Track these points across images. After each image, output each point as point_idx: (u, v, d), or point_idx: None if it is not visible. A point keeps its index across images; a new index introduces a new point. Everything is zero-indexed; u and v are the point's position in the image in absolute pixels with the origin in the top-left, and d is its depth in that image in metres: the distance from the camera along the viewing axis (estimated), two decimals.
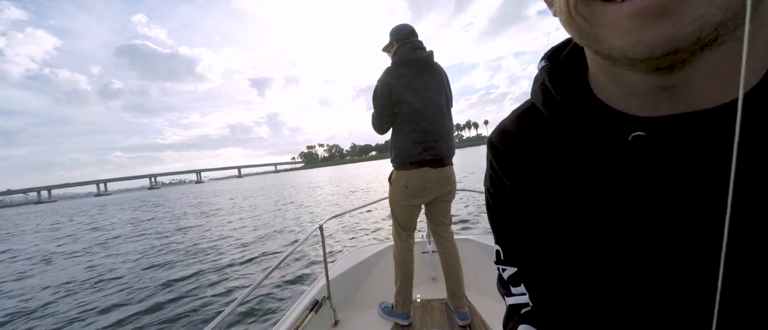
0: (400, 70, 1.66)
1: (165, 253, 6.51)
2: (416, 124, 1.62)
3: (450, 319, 1.80)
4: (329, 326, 1.83)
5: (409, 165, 1.64)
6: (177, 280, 4.25)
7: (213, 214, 12.49)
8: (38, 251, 8.98)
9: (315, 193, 17.41)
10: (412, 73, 1.66)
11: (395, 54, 1.71)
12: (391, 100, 1.63)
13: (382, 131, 1.74)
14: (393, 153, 1.71)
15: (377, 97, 1.67)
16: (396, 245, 1.80)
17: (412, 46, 1.69)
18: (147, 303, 3.65)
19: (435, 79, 1.71)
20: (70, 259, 7.22)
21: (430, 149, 1.63)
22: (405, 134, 1.64)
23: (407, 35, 1.72)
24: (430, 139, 1.63)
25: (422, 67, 1.69)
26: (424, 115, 1.63)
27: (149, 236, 9.17)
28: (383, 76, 1.69)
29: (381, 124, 1.71)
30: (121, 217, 17.69)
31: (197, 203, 20.93)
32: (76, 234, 12.19)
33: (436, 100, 1.68)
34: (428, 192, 1.69)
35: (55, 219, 23.38)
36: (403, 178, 1.67)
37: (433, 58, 1.72)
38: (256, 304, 3.27)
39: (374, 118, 1.72)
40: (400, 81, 1.63)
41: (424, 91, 1.66)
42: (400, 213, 1.75)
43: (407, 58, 1.67)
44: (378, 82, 1.69)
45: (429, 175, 1.65)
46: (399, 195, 1.71)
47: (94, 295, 4.47)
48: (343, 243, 5.39)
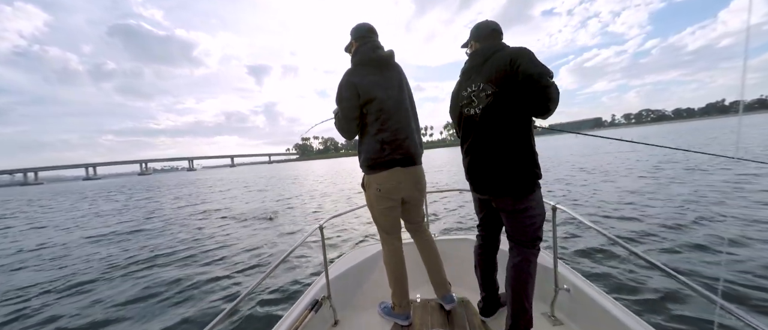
0: (362, 70, 1.64)
1: (159, 248, 6.43)
2: (383, 124, 1.62)
3: (450, 318, 1.80)
4: (329, 326, 1.82)
5: (378, 168, 1.63)
6: (176, 281, 4.18)
7: (208, 211, 12.38)
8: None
9: (308, 189, 17.31)
10: (374, 73, 1.64)
11: (355, 54, 1.69)
12: (357, 101, 1.60)
13: (350, 135, 1.70)
14: (362, 157, 1.69)
15: (342, 98, 1.63)
16: (384, 250, 1.81)
17: (372, 45, 1.68)
18: (146, 303, 3.58)
19: (397, 78, 1.71)
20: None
21: (398, 149, 1.63)
22: (371, 136, 1.63)
23: (366, 34, 1.71)
24: (398, 139, 1.63)
25: (383, 67, 1.68)
26: (390, 114, 1.63)
27: (135, 233, 9.05)
28: (345, 76, 1.65)
29: (349, 128, 1.68)
30: (82, 207, 17.38)
31: (187, 196, 20.67)
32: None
33: (400, 98, 1.69)
34: (400, 192, 1.69)
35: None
36: (374, 181, 1.66)
37: (394, 58, 1.72)
38: (255, 303, 3.24)
39: (341, 121, 1.68)
40: (365, 79, 1.61)
41: (390, 89, 1.65)
42: (380, 216, 1.75)
43: (367, 58, 1.65)
44: (340, 84, 1.65)
45: (400, 175, 1.65)
46: (373, 198, 1.71)
47: (88, 294, 4.40)
48: (343, 243, 5.36)
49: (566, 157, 18.01)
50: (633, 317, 1.36)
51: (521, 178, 1.41)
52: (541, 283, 1.89)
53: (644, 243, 3.93)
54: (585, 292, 1.61)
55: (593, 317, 1.53)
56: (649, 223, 4.63)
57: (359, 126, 1.68)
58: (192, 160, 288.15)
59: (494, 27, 1.54)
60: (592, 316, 1.54)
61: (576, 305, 1.66)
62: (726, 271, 2.95)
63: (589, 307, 1.56)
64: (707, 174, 8.17)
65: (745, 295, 2.58)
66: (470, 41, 1.61)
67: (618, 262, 3.35)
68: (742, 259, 3.15)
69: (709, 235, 3.95)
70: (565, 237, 4.24)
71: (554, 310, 1.72)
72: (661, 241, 3.93)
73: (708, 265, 3.15)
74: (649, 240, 4.01)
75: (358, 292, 2.16)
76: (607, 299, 1.52)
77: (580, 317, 1.64)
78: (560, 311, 1.73)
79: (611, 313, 1.41)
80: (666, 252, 3.60)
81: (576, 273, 1.81)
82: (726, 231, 4.02)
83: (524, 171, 1.41)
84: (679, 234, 4.08)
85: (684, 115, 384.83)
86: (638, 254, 1.13)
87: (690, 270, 3.11)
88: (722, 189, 6.35)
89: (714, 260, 3.27)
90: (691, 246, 3.65)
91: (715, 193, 6.10)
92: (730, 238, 3.76)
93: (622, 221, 4.98)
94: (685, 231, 4.17)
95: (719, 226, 4.23)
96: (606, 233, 1.34)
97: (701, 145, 17.81)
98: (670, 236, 4.04)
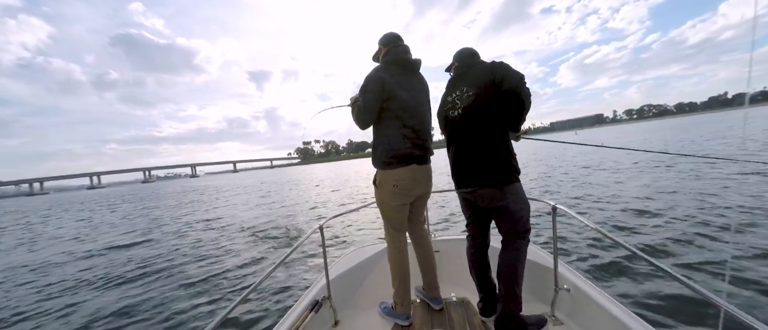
0: (392, 69, 1.73)
1: (161, 253, 6.46)
2: (406, 120, 1.69)
3: (450, 318, 1.81)
4: (329, 326, 1.83)
5: (396, 163, 1.66)
6: (175, 281, 4.21)
7: (210, 213, 12.40)
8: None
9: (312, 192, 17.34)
10: (402, 74, 1.74)
11: (387, 54, 1.78)
12: (381, 95, 1.67)
13: (365, 125, 1.75)
14: (379, 149, 1.71)
15: (368, 90, 1.69)
16: (390, 247, 1.83)
17: (404, 48, 1.79)
18: (144, 304, 3.61)
19: (422, 85, 1.83)
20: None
21: (419, 147, 1.70)
22: (394, 129, 1.68)
23: (395, 39, 1.83)
24: (419, 138, 1.71)
25: (411, 71, 1.80)
26: (414, 113, 1.72)
27: (143, 237, 9.09)
28: (376, 70, 1.73)
29: (366, 118, 1.73)
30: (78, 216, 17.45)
31: (189, 203, 20.74)
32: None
33: (422, 101, 1.80)
34: (416, 189, 1.75)
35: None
36: (391, 178, 1.69)
37: (420, 66, 1.85)
38: (256, 304, 3.26)
39: (359, 109, 1.73)
40: (392, 78, 1.69)
41: (413, 91, 1.75)
42: (392, 213, 1.78)
43: (399, 59, 1.75)
44: (369, 75, 1.72)
45: (417, 172, 1.71)
46: (388, 195, 1.73)
47: (87, 296, 4.43)
48: (343, 243, 5.37)
49: (568, 158, 17.92)
50: (633, 317, 1.35)
51: (500, 169, 1.54)
52: (541, 283, 1.89)
53: (644, 243, 3.91)
54: (585, 292, 1.61)
55: (593, 317, 1.52)
56: (649, 223, 4.61)
57: (374, 118, 1.73)
58: (195, 167, 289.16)
59: (473, 51, 1.78)
60: (592, 316, 1.54)
61: (576, 305, 1.66)
62: (730, 271, 2.92)
63: (589, 307, 1.56)
64: (713, 168, 8.12)
65: (745, 296, 2.54)
66: (453, 63, 1.81)
67: (618, 262, 3.34)
68: (746, 259, 3.12)
69: (712, 233, 3.92)
70: (565, 237, 4.23)
71: (554, 310, 1.72)
72: (662, 240, 3.91)
73: (711, 265, 3.12)
74: (649, 240, 3.99)
75: (359, 293, 2.17)
76: (607, 299, 1.51)
77: (580, 317, 1.63)
78: (560, 311, 1.73)
79: (611, 313, 1.41)
80: (667, 252, 3.57)
81: (576, 273, 1.81)
82: (730, 228, 3.98)
83: (503, 162, 1.55)
84: (680, 234, 4.06)
85: (686, 110, 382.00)
86: (638, 254, 1.13)
87: (690, 270, 3.09)
88: (723, 184, 6.31)
89: (717, 260, 3.23)
90: (692, 246, 3.63)
91: (717, 189, 6.06)
92: (734, 234, 3.72)
93: (622, 221, 4.96)
94: (686, 231, 4.15)
95: (723, 223, 4.20)
96: (606, 233, 1.34)
97: (704, 141, 17.68)
98: (671, 237, 4.02)
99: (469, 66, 1.68)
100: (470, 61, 1.71)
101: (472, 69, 1.66)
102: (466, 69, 1.69)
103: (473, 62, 1.70)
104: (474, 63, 1.69)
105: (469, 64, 1.70)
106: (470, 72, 1.65)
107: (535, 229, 4.86)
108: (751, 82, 1.20)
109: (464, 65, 1.71)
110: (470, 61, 1.71)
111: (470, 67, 1.67)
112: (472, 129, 1.58)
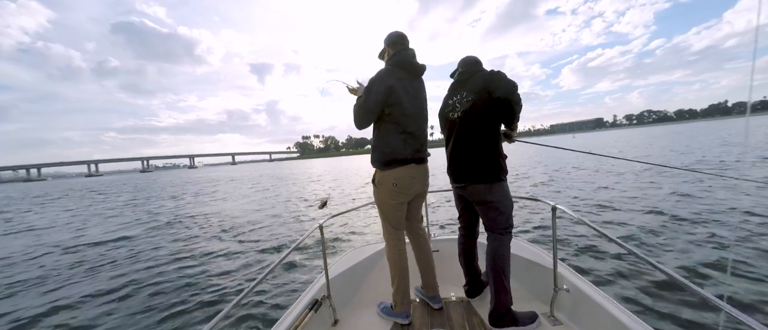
0: (399, 72, 1.75)
1: (159, 249, 6.45)
2: (406, 127, 1.74)
3: (450, 318, 1.81)
4: (329, 325, 1.83)
5: (396, 163, 1.72)
6: (174, 280, 4.19)
7: (209, 207, 12.38)
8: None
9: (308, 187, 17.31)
10: (407, 78, 1.78)
11: (395, 56, 1.79)
12: (386, 100, 1.69)
13: (364, 125, 1.77)
14: (379, 151, 1.75)
15: (372, 92, 1.70)
16: (389, 246, 1.85)
17: (412, 52, 1.83)
18: (144, 304, 3.59)
19: (423, 91, 1.88)
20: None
21: (418, 150, 1.78)
22: (395, 134, 1.72)
23: (401, 40, 1.85)
24: (417, 143, 1.77)
25: (416, 75, 1.83)
26: (414, 120, 1.77)
27: (138, 229, 9.08)
28: (384, 73, 1.73)
29: (366, 119, 1.75)
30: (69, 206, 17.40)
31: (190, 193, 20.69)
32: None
33: (424, 108, 1.87)
34: (414, 187, 1.79)
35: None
36: (390, 177, 1.73)
37: (424, 72, 1.89)
38: (255, 303, 3.24)
39: (360, 108, 1.75)
40: (399, 83, 1.72)
41: (416, 99, 1.80)
42: (391, 212, 1.81)
43: (407, 63, 1.78)
44: (376, 77, 1.72)
45: (415, 171, 1.77)
46: (387, 194, 1.77)
47: (83, 292, 4.41)
48: (343, 242, 5.37)
49: (568, 158, 17.96)
50: (632, 317, 1.36)
51: (490, 168, 1.73)
52: (540, 283, 1.90)
53: (644, 244, 3.93)
54: (585, 293, 1.62)
55: (593, 317, 1.53)
56: (649, 224, 4.62)
57: (374, 120, 1.76)
58: (193, 158, 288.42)
59: (476, 60, 1.93)
60: (591, 316, 1.54)
61: (576, 305, 1.66)
62: (730, 273, 2.93)
63: (588, 307, 1.57)
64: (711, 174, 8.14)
65: (745, 296, 2.55)
66: (458, 69, 1.96)
67: (618, 262, 3.35)
68: (746, 259, 3.13)
69: (712, 234, 3.94)
70: (565, 237, 4.24)
71: (554, 310, 1.72)
72: (662, 241, 3.92)
73: (711, 268, 3.13)
74: (648, 241, 4.00)
75: (358, 292, 2.16)
76: (607, 299, 1.52)
77: (579, 317, 1.64)
78: (560, 311, 1.73)
79: (611, 313, 1.41)
80: (667, 253, 3.59)
81: (576, 273, 1.82)
82: (731, 234, 4.00)
83: (492, 162, 1.73)
84: (681, 234, 4.07)
85: (686, 117, 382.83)
86: (638, 254, 1.13)
87: (691, 271, 3.10)
88: (724, 184, 6.33)
89: (718, 261, 3.24)
90: (693, 245, 3.65)
91: (717, 189, 6.08)
92: (735, 230, 3.74)
93: (622, 222, 4.97)
94: (687, 231, 4.16)
95: (723, 228, 4.21)
96: (606, 233, 1.34)
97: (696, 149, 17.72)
98: (671, 236, 4.03)
99: (472, 73, 1.84)
100: (473, 69, 1.86)
101: (473, 76, 1.81)
102: (468, 76, 1.84)
103: (475, 70, 1.85)
104: (476, 71, 1.84)
105: (472, 71, 1.85)
106: (471, 79, 1.80)
107: (535, 230, 4.89)
108: (754, 90, 1.19)
109: (467, 72, 1.87)
110: (473, 69, 1.86)
111: (472, 75, 1.82)
112: (468, 131, 1.76)
